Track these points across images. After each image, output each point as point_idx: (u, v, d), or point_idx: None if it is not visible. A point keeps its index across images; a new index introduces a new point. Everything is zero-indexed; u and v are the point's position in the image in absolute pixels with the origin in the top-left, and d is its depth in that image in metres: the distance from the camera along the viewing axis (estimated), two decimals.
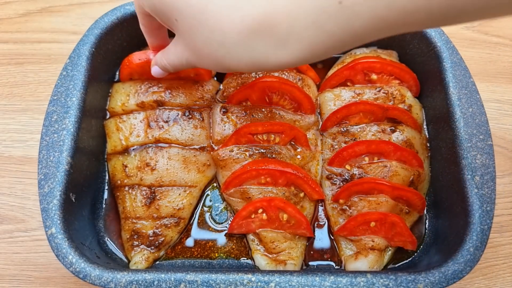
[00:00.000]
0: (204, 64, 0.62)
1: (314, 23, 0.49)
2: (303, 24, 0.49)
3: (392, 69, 0.91)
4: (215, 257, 0.83)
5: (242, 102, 0.89)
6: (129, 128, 0.86)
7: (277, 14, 0.49)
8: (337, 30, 0.49)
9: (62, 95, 0.80)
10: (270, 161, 0.82)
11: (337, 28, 0.48)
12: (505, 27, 1.11)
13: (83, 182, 0.81)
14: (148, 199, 0.83)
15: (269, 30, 0.51)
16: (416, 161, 0.84)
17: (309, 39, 0.50)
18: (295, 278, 0.68)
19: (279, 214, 0.80)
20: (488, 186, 0.74)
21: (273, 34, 0.51)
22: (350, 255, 0.81)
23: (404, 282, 0.67)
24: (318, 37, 0.50)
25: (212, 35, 0.54)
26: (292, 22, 0.49)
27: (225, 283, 0.68)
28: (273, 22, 0.50)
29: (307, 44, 0.51)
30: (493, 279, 0.86)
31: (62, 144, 0.76)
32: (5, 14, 1.11)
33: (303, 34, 0.50)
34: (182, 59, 0.66)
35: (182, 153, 0.85)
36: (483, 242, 0.70)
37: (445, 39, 0.86)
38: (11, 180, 0.93)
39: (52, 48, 1.07)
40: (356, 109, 0.87)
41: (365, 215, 0.79)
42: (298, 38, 0.50)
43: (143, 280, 0.68)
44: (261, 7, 0.50)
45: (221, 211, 0.87)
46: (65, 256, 0.70)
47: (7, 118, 0.99)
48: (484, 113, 0.80)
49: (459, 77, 0.83)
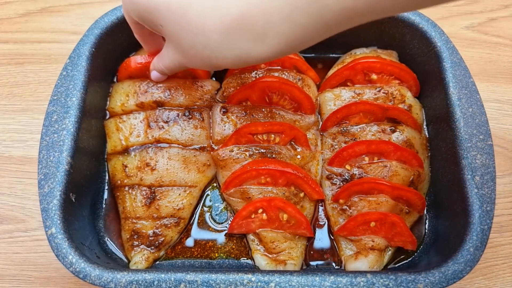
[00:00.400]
0: (194, 65, 0.65)
1: (288, 18, 0.51)
2: (278, 19, 0.52)
3: (392, 69, 0.91)
4: (215, 257, 0.83)
5: (242, 102, 0.89)
6: (129, 128, 0.86)
7: (253, 11, 0.52)
8: (310, 23, 0.51)
9: (62, 95, 0.80)
10: (270, 161, 0.82)
11: (310, 21, 0.51)
12: (505, 27, 1.11)
13: (83, 182, 0.81)
14: (148, 199, 0.83)
15: (247, 27, 0.53)
16: (416, 161, 0.84)
17: (285, 33, 0.53)
18: (295, 278, 0.68)
19: (279, 214, 0.80)
20: (488, 186, 0.74)
21: (251, 31, 0.53)
22: (350, 255, 0.81)
23: (404, 282, 0.67)
24: (293, 31, 0.53)
25: (195, 37, 0.57)
26: (268, 18, 0.52)
27: (225, 283, 0.67)
28: (250, 20, 0.52)
29: (284, 37, 0.54)
30: (493, 279, 0.86)
31: (62, 144, 0.76)
32: (5, 14, 1.11)
33: (279, 29, 0.53)
34: (175, 62, 0.68)
35: (182, 153, 0.85)
36: (483, 242, 0.70)
37: (445, 39, 0.86)
38: (11, 180, 0.93)
39: (52, 48, 1.07)
40: (356, 109, 0.87)
41: (365, 215, 0.79)
42: (275, 33, 0.53)
43: (143, 280, 0.68)
44: (238, 7, 0.52)
45: (221, 211, 0.87)
46: (65, 256, 0.69)
47: (7, 118, 0.99)
48: (484, 113, 0.80)
49: (459, 77, 0.83)
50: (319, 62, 1.01)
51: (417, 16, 0.89)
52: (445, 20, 1.12)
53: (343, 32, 0.94)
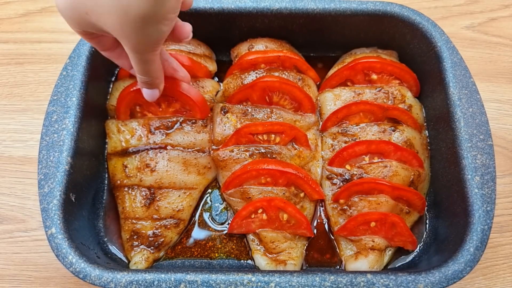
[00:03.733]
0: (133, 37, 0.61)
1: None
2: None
3: (392, 69, 0.91)
4: (215, 257, 0.83)
5: (242, 102, 0.89)
6: (130, 132, 0.86)
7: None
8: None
9: (62, 95, 0.80)
10: (270, 161, 0.82)
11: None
12: (505, 27, 1.11)
13: (83, 182, 0.81)
14: (148, 200, 0.83)
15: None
16: (416, 161, 0.84)
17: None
18: (295, 278, 0.68)
19: (279, 214, 0.80)
20: (488, 186, 0.74)
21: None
22: (350, 255, 0.81)
23: (404, 282, 0.67)
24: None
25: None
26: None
27: (225, 283, 0.67)
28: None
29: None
30: (493, 279, 0.86)
31: (62, 144, 0.76)
32: (5, 14, 1.11)
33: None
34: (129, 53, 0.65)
35: (183, 155, 0.84)
36: (483, 242, 0.70)
37: (445, 39, 0.86)
38: (11, 180, 0.93)
39: (52, 48, 1.07)
40: (356, 109, 0.87)
41: (365, 215, 0.79)
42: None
43: (143, 280, 0.68)
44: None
45: (221, 211, 0.87)
46: (65, 256, 0.69)
47: (7, 118, 0.99)
48: (484, 113, 0.80)
49: (459, 77, 0.83)
50: (319, 62, 1.01)
51: (417, 16, 0.89)
52: (445, 20, 1.12)
53: (343, 32, 0.95)
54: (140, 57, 0.66)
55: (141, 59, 0.66)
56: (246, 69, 0.92)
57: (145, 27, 0.59)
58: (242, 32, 0.95)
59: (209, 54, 0.98)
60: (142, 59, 0.66)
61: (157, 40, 0.62)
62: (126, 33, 0.59)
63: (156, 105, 0.87)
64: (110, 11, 0.57)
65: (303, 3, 0.90)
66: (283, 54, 0.91)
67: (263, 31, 0.95)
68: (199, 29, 0.93)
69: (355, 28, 0.94)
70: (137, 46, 0.63)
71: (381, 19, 0.91)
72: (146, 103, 0.86)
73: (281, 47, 0.95)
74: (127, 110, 0.87)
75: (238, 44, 0.97)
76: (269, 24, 0.94)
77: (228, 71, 0.94)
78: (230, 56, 0.99)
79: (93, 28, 0.63)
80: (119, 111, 0.87)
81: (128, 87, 0.85)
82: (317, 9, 0.90)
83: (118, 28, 0.59)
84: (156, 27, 0.60)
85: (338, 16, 0.90)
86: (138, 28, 0.58)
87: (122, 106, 0.87)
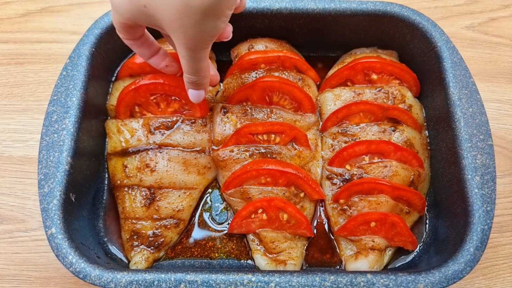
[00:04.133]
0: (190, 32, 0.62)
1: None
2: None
3: (392, 69, 0.91)
4: (215, 257, 0.83)
5: (242, 102, 0.89)
6: (130, 132, 0.86)
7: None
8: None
9: (62, 95, 0.80)
10: (270, 161, 0.82)
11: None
12: (505, 27, 1.11)
13: (83, 182, 0.81)
14: (148, 200, 0.83)
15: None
16: (416, 161, 0.84)
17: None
18: (295, 278, 0.68)
19: (279, 214, 0.80)
20: (488, 186, 0.74)
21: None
22: (350, 255, 0.81)
23: (404, 282, 0.67)
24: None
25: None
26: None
27: (225, 283, 0.67)
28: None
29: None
30: (493, 279, 0.86)
31: (62, 144, 0.76)
32: (5, 14, 1.11)
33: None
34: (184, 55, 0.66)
35: (183, 156, 0.84)
36: (483, 242, 0.70)
37: (445, 39, 0.86)
38: (11, 180, 0.93)
39: (52, 48, 1.07)
40: (356, 109, 0.87)
41: (365, 215, 0.79)
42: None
43: (143, 280, 0.68)
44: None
45: (221, 211, 0.87)
46: (65, 256, 0.69)
47: (7, 118, 0.99)
48: (484, 113, 0.80)
49: (459, 77, 0.83)
50: (319, 62, 1.01)
51: (417, 16, 0.89)
52: (445, 20, 1.12)
53: (344, 32, 0.95)
54: (192, 54, 0.66)
55: (193, 56, 0.67)
56: (246, 69, 0.92)
57: (204, 21, 0.59)
58: (242, 32, 0.95)
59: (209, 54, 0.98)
60: (193, 57, 0.67)
61: (212, 35, 0.63)
62: (183, 26, 0.60)
63: (155, 105, 0.87)
64: (170, 4, 0.57)
65: (303, 3, 0.90)
66: (283, 54, 0.91)
67: (263, 31, 0.95)
68: None
69: (355, 28, 0.94)
70: (192, 41, 0.63)
71: (381, 19, 0.91)
72: (145, 103, 0.86)
73: (281, 47, 0.95)
74: (127, 110, 0.87)
75: (238, 44, 0.97)
76: (269, 24, 0.94)
77: (228, 71, 0.94)
78: (230, 56, 0.99)
79: (146, 21, 0.64)
80: (119, 111, 0.87)
81: (128, 86, 0.85)
82: (317, 9, 0.90)
83: (175, 22, 0.60)
84: (214, 22, 0.60)
85: (338, 16, 0.90)
86: (197, 21, 0.58)
87: (122, 106, 0.87)
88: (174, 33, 0.62)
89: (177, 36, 0.63)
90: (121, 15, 0.66)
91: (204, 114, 0.87)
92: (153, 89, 0.85)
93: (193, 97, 0.75)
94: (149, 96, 0.86)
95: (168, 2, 0.58)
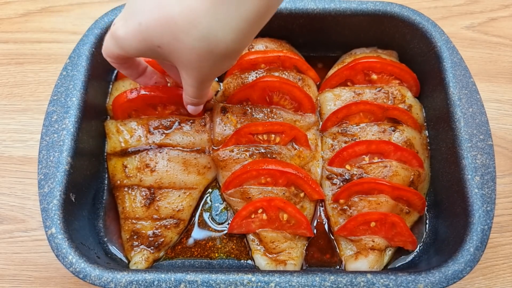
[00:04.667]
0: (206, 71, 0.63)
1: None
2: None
3: (392, 69, 0.91)
4: (215, 257, 0.83)
5: (242, 102, 0.89)
6: (129, 132, 0.86)
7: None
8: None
9: (62, 95, 0.80)
10: (270, 161, 0.82)
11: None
12: (505, 27, 1.11)
13: (83, 182, 0.81)
14: (148, 200, 0.83)
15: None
16: (416, 161, 0.84)
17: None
18: (295, 278, 0.68)
19: (279, 214, 0.80)
20: (488, 186, 0.74)
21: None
22: (350, 255, 0.81)
23: (404, 282, 0.67)
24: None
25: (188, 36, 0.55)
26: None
27: (225, 283, 0.67)
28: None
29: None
30: (493, 279, 0.86)
31: (62, 144, 0.76)
32: (5, 14, 1.11)
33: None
34: (194, 84, 0.67)
35: (182, 156, 0.84)
36: (483, 242, 0.70)
37: (445, 39, 0.86)
38: (11, 180, 0.93)
39: (52, 48, 1.07)
40: (356, 109, 0.87)
41: (365, 215, 0.79)
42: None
43: (143, 280, 0.68)
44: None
45: (221, 211, 0.87)
46: (65, 256, 0.69)
47: (7, 118, 0.99)
48: (484, 113, 0.80)
49: (459, 77, 0.83)
50: (319, 62, 1.01)
51: (417, 16, 0.89)
52: (445, 20, 1.12)
53: (344, 32, 0.95)
54: (201, 85, 0.68)
55: (201, 87, 0.68)
56: (246, 69, 0.92)
57: (223, 63, 0.60)
58: None
59: None
60: (201, 87, 0.68)
61: (223, 71, 0.65)
62: (201, 67, 0.61)
63: (152, 108, 0.87)
64: (192, 49, 0.56)
65: (303, 3, 0.90)
66: (283, 54, 0.91)
67: (263, 31, 0.94)
68: None
69: (355, 28, 0.94)
70: (205, 76, 0.64)
71: (381, 19, 0.91)
72: (142, 108, 0.86)
73: (281, 47, 0.95)
74: (124, 114, 0.87)
75: None
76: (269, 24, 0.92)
77: (228, 71, 0.94)
78: None
79: (154, 57, 0.64)
80: (116, 116, 0.87)
81: (121, 95, 0.85)
82: (317, 9, 0.90)
83: (193, 63, 0.60)
84: (230, 61, 0.62)
85: (338, 16, 0.90)
86: (216, 63, 0.59)
87: (119, 112, 0.87)
88: (188, 70, 0.63)
89: (191, 72, 0.63)
90: (124, 50, 0.63)
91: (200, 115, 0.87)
92: (148, 99, 0.85)
93: (193, 111, 0.79)
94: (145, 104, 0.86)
95: (190, 47, 0.56)
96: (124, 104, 0.85)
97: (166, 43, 0.58)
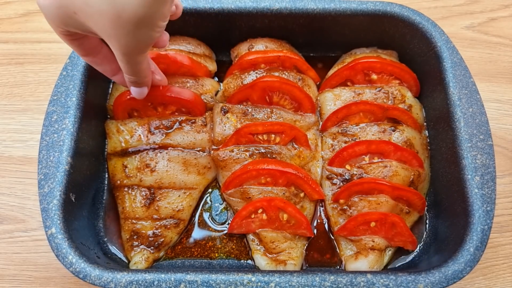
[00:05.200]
0: (125, 40, 0.61)
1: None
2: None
3: (392, 69, 0.91)
4: (215, 257, 0.83)
5: (242, 102, 0.89)
6: (129, 132, 0.86)
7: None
8: None
9: (62, 95, 0.80)
10: (270, 161, 0.82)
11: None
12: (505, 27, 1.11)
13: (83, 182, 0.81)
14: (148, 200, 0.83)
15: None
16: (416, 161, 0.84)
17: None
18: (295, 278, 0.68)
19: (279, 214, 0.80)
20: (488, 186, 0.74)
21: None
22: (350, 255, 0.81)
23: (404, 282, 0.67)
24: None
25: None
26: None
27: (225, 283, 0.67)
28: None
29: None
30: (493, 279, 0.86)
31: (62, 144, 0.76)
32: (5, 14, 1.11)
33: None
34: (119, 56, 0.65)
35: (183, 156, 0.84)
36: (483, 242, 0.70)
37: (445, 39, 0.86)
38: (11, 180, 0.93)
39: (52, 48, 1.07)
40: (356, 109, 0.87)
41: (365, 215, 0.79)
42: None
43: (143, 280, 0.68)
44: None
45: (221, 211, 0.87)
46: (65, 256, 0.69)
47: (7, 118, 0.99)
48: (484, 113, 0.80)
49: (459, 77, 0.83)
50: (319, 62, 1.01)
51: (417, 16, 0.89)
52: (445, 20, 1.12)
53: (344, 32, 0.95)
54: (128, 59, 0.66)
55: (129, 61, 0.67)
56: (246, 69, 0.92)
57: (137, 31, 0.59)
58: (242, 32, 0.95)
59: (209, 54, 0.98)
60: (130, 61, 0.67)
61: (146, 44, 0.63)
62: (116, 35, 0.59)
63: (153, 109, 0.87)
64: (101, 12, 0.56)
65: (303, 3, 0.90)
66: (283, 54, 0.91)
67: (263, 31, 0.95)
68: (199, 29, 0.94)
69: (355, 28, 0.94)
70: (126, 48, 0.63)
71: (381, 19, 0.91)
72: (143, 108, 0.86)
73: (281, 47, 0.95)
74: (125, 114, 0.87)
75: (238, 44, 0.97)
76: (269, 24, 0.94)
77: (228, 71, 0.94)
78: (230, 56, 0.99)
79: (79, 27, 0.62)
80: (117, 116, 0.87)
81: (123, 95, 0.85)
82: (317, 9, 0.90)
83: (108, 30, 0.59)
84: (147, 32, 0.60)
85: (338, 16, 0.90)
86: (130, 31, 0.58)
87: (119, 111, 0.87)
88: (108, 40, 0.62)
89: (112, 42, 0.62)
90: (51, 20, 0.62)
91: (202, 112, 0.87)
92: (148, 98, 0.84)
93: (135, 94, 0.77)
94: (146, 102, 0.86)
95: (100, 11, 0.56)
96: (125, 104, 0.85)
97: (79, 9, 0.58)
